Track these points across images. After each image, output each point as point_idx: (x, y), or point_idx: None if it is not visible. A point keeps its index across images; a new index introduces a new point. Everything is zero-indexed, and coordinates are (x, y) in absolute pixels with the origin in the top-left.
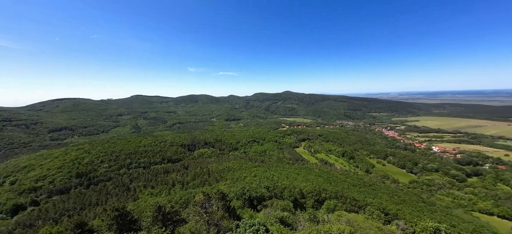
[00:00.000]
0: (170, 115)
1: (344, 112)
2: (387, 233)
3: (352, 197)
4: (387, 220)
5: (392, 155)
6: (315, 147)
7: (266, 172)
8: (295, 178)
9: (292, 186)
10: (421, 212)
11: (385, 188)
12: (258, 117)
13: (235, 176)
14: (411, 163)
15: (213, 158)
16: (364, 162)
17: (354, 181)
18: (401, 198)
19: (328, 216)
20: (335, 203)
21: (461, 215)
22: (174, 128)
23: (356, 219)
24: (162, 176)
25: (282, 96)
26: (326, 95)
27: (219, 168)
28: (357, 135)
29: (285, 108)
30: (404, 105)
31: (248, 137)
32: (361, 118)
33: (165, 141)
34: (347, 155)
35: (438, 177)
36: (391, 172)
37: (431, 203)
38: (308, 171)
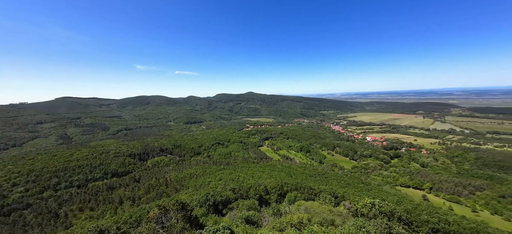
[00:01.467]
0: (113, 120)
1: (300, 111)
2: (336, 214)
3: (309, 186)
4: (336, 202)
5: (338, 146)
6: (278, 144)
7: (231, 174)
8: (260, 176)
9: (257, 184)
10: (361, 191)
11: (334, 175)
12: (222, 118)
13: (198, 183)
14: (352, 151)
15: (171, 166)
16: (318, 154)
17: (310, 172)
18: (346, 182)
19: (290, 207)
20: (295, 194)
21: (388, 190)
22: (119, 136)
23: (312, 206)
24: (105, 194)
25: (246, 97)
26: (285, 96)
27: (179, 176)
28: (311, 131)
29: (249, 109)
30: (345, 104)
31: (212, 140)
32: (314, 116)
33: (107, 151)
34: (304, 149)
35: (371, 161)
36: (338, 161)
37: (368, 183)
38: (272, 168)
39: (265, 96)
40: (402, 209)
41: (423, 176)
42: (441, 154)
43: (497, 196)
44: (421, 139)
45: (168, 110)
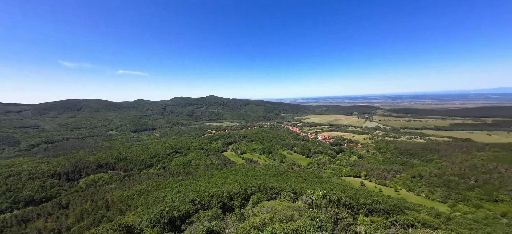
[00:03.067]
0: (26, 131)
1: (262, 114)
2: (295, 209)
3: (271, 186)
4: (295, 198)
5: (296, 146)
6: (241, 148)
7: (192, 185)
8: (224, 183)
9: (220, 192)
10: (315, 185)
11: (293, 172)
12: (180, 124)
13: (150, 200)
14: (307, 150)
15: (114, 184)
16: (279, 155)
17: (272, 172)
18: (303, 178)
19: (253, 210)
20: (259, 196)
21: (336, 181)
22: (36, 152)
23: (274, 205)
24: (15, 230)
25: (207, 100)
26: (248, 100)
27: (124, 195)
28: (273, 133)
29: (211, 113)
30: (300, 107)
31: (168, 148)
32: (275, 118)
33: (17, 173)
34: (266, 151)
35: (322, 157)
36: (296, 159)
37: (320, 177)
38: (235, 173)
39: (228, 100)
40: (346, 196)
41: (360, 166)
42: (371, 147)
43: (410, 177)
44: (357, 135)
45: (109, 116)
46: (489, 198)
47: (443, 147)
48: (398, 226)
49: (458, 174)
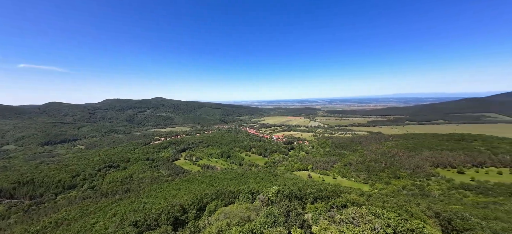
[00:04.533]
0: None
1: (220, 117)
2: (252, 209)
3: (229, 190)
4: (253, 198)
5: (254, 147)
6: (197, 154)
7: (133, 204)
8: (176, 195)
9: (170, 206)
10: (271, 182)
11: (251, 173)
12: (116, 131)
13: (72, 232)
14: (264, 150)
15: (14, 217)
16: (237, 157)
17: (231, 176)
18: (261, 177)
19: (209, 219)
20: (216, 203)
21: (289, 176)
22: None
23: (232, 209)
24: None
25: (153, 103)
26: (203, 103)
27: (31, 230)
28: (231, 136)
29: (158, 117)
30: (257, 110)
31: (98, 163)
32: (232, 121)
33: None
34: (225, 154)
35: (277, 156)
36: (254, 159)
37: (275, 174)
38: (190, 182)
39: (180, 102)
40: (297, 188)
41: (307, 160)
42: (315, 143)
43: (343, 165)
44: (305, 133)
45: (4, 126)
46: (394, 176)
47: (364, 139)
48: (335, 208)
49: (374, 160)
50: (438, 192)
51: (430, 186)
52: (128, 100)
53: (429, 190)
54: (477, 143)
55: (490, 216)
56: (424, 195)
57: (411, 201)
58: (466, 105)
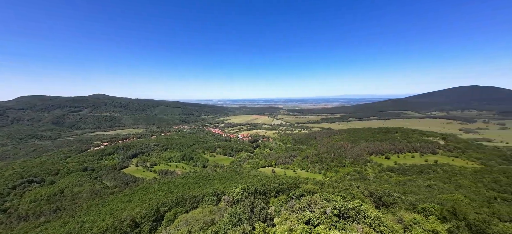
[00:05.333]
0: None
1: (180, 117)
2: (217, 211)
3: (192, 195)
4: (218, 199)
5: (219, 147)
6: (152, 159)
7: (66, 226)
8: (125, 208)
9: (118, 221)
10: (237, 181)
11: (217, 174)
12: (38, 137)
13: None
14: (230, 149)
15: None
16: (201, 159)
17: (194, 179)
18: (226, 177)
19: (167, 229)
20: (176, 211)
21: (254, 173)
22: None
23: (194, 215)
24: None
25: (91, 101)
26: (159, 101)
27: None
28: (193, 137)
29: (99, 118)
30: (222, 109)
31: (12, 178)
32: (195, 121)
33: None
34: (186, 157)
35: (243, 154)
36: (220, 160)
37: (241, 173)
38: (143, 191)
39: (128, 100)
40: (261, 184)
41: (271, 157)
42: (278, 140)
43: (301, 159)
44: (269, 131)
45: None
46: (341, 164)
47: (318, 135)
48: (294, 198)
49: (326, 152)
50: (372, 175)
51: (366, 171)
52: (56, 97)
53: (366, 174)
54: (397, 134)
55: (407, 191)
56: (363, 179)
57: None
58: (391, 105)
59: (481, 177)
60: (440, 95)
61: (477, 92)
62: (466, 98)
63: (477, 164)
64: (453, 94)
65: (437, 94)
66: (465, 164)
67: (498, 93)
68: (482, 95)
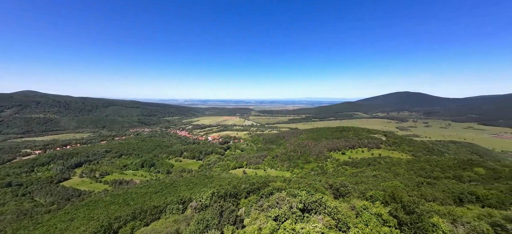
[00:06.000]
0: None
1: (138, 119)
2: (183, 220)
3: (153, 205)
4: (184, 207)
5: (186, 151)
6: (103, 168)
7: None
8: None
9: None
10: (206, 186)
11: (183, 180)
12: None
13: None
14: (198, 152)
15: None
16: (165, 165)
17: (156, 188)
18: (194, 183)
19: None
20: (133, 225)
21: (225, 176)
22: None
23: (155, 227)
24: None
25: (17, 99)
26: (112, 100)
27: None
28: (155, 141)
29: (28, 121)
30: (189, 110)
31: None
32: (157, 123)
33: None
34: (147, 164)
35: (213, 157)
36: (187, 165)
37: (211, 176)
38: (91, 206)
39: (70, 99)
40: (231, 187)
41: (242, 158)
42: (249, 140)
43: (271, 158)
44: (240, 132)
45: None
46: (306, 161)
47: (286, 134)
48: (264, 197)
49: (293, 150)
50: (331, 169)
51: (327, 165)
52: None
53: (326, 169)
54: (351, 132)
55: (359, 181)
56: (324, 173)
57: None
58: (345, 107)
59: (412, 166)
60: (382, 99)
61: (408, 97)
62: (401, 102)
63: (409, 155)
64: (391, 99)
65: (380, 98)
66: (400, 156)
67: (424, 98)
68: (412, 99)
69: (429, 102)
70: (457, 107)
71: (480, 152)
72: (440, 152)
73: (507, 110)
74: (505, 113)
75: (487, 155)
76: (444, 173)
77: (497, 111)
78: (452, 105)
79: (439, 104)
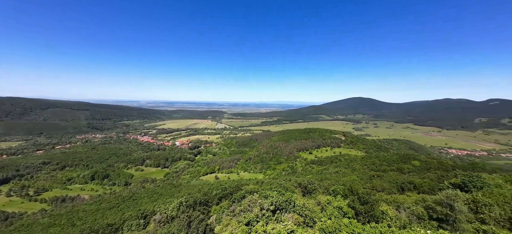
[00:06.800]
0: None
1: (88, 123)
2: None
3: (107, 223)
4: (146, 222)
5: (149, 159)
6: (39, 184)
7: None
8: None
9: None
10: (173, 196)
11: (145, 191)
12: None
13: None
14: (164, 160)
15: None
16: (122, 176)
17: (110, 203)
18: (159, 193)
19: None
20: None
21: (195, 183)
22: None
23: None
24: None
25: None
26: (53, 101)
27: None
28: (110, 148)
29: None
30: (153, 112)
31: None
32: (113, 127)
33: None
34: (99, 175)
35: (181, 164)
36: (150, 174)
37: (179, 185)
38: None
39: None
40: (202, 194)
41: (215, 162)
42: (222, 144)
43: (245, 161)
44: (212, 136)
45: None
46: (278, 162)
47: (259, 136)
48: (236, 201)
49: (266, 152)
50: (300, 168)
51: (296, 165)
52: None
53: (296, 168)
54: (316, 133)
55: (323, 178)
56: (294, 172)
57: (286, 179)
58: (311, 110)
59: (365, 161)
60: (341, 103)
61: (361, 102)
62: (356, 106)
63: (363, 152)
64: (349, 103)
65: (340, 102)
66: (357, 153)
67: (373, 103)
68: (364, 104)
69: (377, 106)
70: (398, 111)
71: (415, 148)
72: (386, 148)
73: (434, 113)
74: (433, 116)
75: (420, 150)
76: (389, 166)
77: (427, 114)
78: (394, 109)
79: (385, 108)
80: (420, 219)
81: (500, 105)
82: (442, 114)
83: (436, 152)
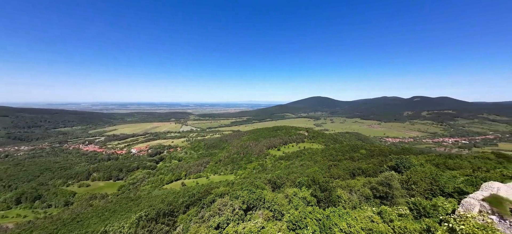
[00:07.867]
0: None
1: (7, 133)
2: None
3: None
4: None
5: (96, 171)
6: None
7: None
8: None
9: None
10: (130, 211)
11: (93, 210)
12: None
13: None
14: (117, 170)
15: None
16: (60, 195)
17: (46, 230)
18: (111, 210)
19: None
20: None
21: (157, 193)
22: None
23: None
24: None
25: None
26: None
27: None
28: (41, 163)
29: None
30: (100, 116)
31: None
32: (45, 137)
33: None
34: (28, 197)
35: (139, 173)
36: (99, 189)
37: (138, 197)
38: None
39: None
40: (166, 204)
41: (180, 168)
42: (189, 148)
43: (214, 163)
44: (176, 140)
45: None
46: (248, 161)
47: (229, 137)
48: (205, 207)
49: (236, 153)
50: (270, 165)
51: (266, 162)
52: None
53: (266, 165)
54: (283, 131)
55: (291, 172)
56: (264, 170)
57: (257, 177)
58: (278, 109)
59: (325, 153)
60: (304, 102)
61: (320, 100)
62: (316, 104)
63: (323, 145)
64: (310, 102)
65: (303, 101)
66: (318, 146)
67: (329, 101)
68: (322, 102)
69: (333, 104)
70: (349, 108)
71: (362, 138)
72: (341, 141)
73: (375, 108)
74: (374, 111)
75: (366, 140)
76: (343, 155)
77: (370, 110)
78: (346, 106)
79: (339, 106)
80: (367, 199)
81: (421, 101)
82: (381, 110)
83: (378, 141)
